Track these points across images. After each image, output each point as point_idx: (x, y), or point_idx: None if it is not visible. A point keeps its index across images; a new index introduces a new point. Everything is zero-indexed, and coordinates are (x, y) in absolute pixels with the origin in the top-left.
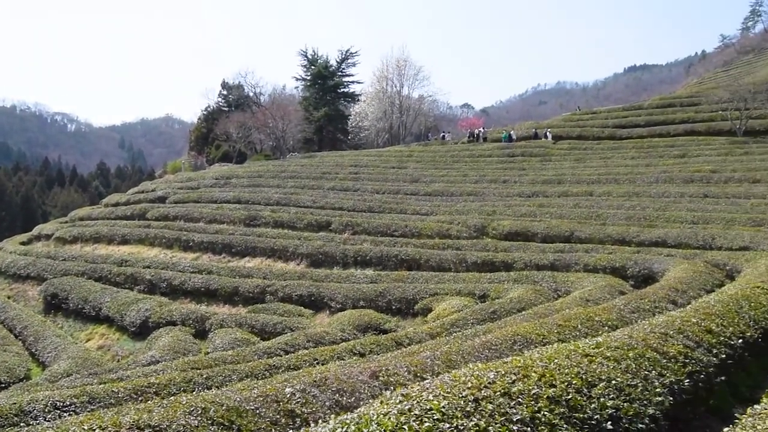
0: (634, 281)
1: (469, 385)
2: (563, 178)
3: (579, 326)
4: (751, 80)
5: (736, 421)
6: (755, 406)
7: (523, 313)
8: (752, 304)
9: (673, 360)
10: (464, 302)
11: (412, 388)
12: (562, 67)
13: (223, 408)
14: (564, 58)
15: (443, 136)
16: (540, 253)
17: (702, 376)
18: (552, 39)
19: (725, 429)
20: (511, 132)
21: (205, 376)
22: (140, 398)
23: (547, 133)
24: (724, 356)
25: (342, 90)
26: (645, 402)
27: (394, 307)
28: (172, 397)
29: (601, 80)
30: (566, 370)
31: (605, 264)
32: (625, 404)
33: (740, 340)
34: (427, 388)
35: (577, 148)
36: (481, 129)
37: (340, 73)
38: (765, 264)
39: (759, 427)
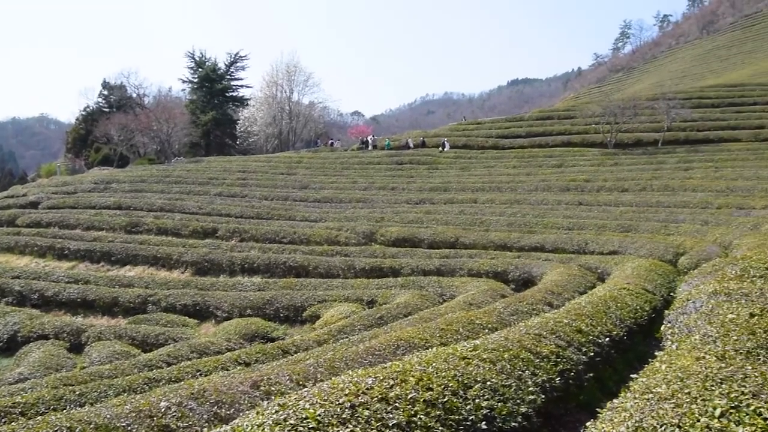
0: (515, 285)
1: (347, 391)
2: (449, 186)
3: (460, 330)
4: (621, 96)
5: (598, 414)
6: (614, 400)
7: (409, 318)
8: (619, 304)
9: (545, 359)
10: (352, 308)
11: (289, 397)
12: (450, 78)
13: (91, 426)
14: (452, 70)
15: (331, 143)
16: (426, 259)
17: (572, 373)
18: (441, 51)
19: (588, 422)
20: (409, 140)
21: (78, 392)
22: (4, 420)
23: (445, 143)
24: (592, 354)
25: (230, 94)
26: (518, 401)
27: (282, 315)
28: (39, 417)
29: (486, 92)
30: (443, 373)
31: (488, 269)
32: (499, 404)
33: (607, 339)
34: (305, 397)
35: (463, 156)
36: (371, 137)
37: (228, 77)
38: (631, 267)
39: (615, 419)
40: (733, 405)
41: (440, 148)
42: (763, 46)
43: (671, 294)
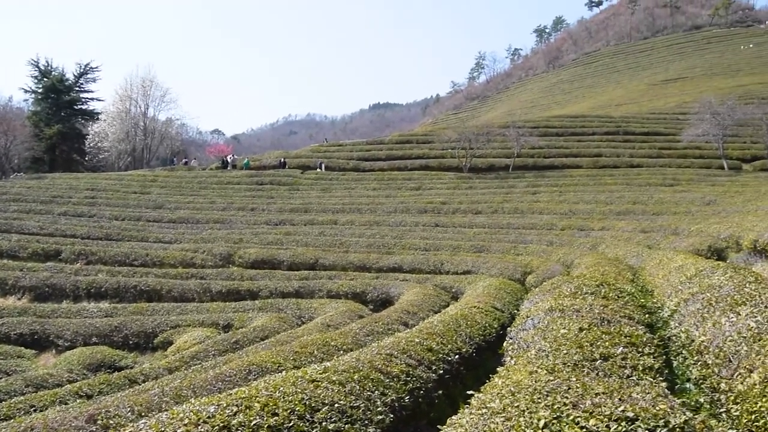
0: (373, 305)
1: (186, 421)
2: (310, 207)
3: (315, 352)
4: (476, 123)
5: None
6: (452, 417)
7: (266, 341)
8: (469, 322)
9: (395, 379)
10: (207, 333)
11: (124, 430)
12: (314, 100)
13: None
14: (316, 91)
15: (185, 161)
16: (286, 281)
17: (422, 391)
18: (305, 73)
19: None
20: (283, 158)
21: None
22: None
23: (321, 164)
24: (442, 372)
25: (79, 107)
26: (366, 422)
27: (131, 342)
28: None
29: (349, 115)
30: (290, 397)
31: (347, 290)
32: (347, 426)
33: (457, 356)
34: (140, 429)
35: (324, 178)
36: (231, 156)
37: (77, 89)
38: (482, 286)
39: None
40: (555, 416)
41: (317, 169)
42: (601, 82)
43: (518, 311)
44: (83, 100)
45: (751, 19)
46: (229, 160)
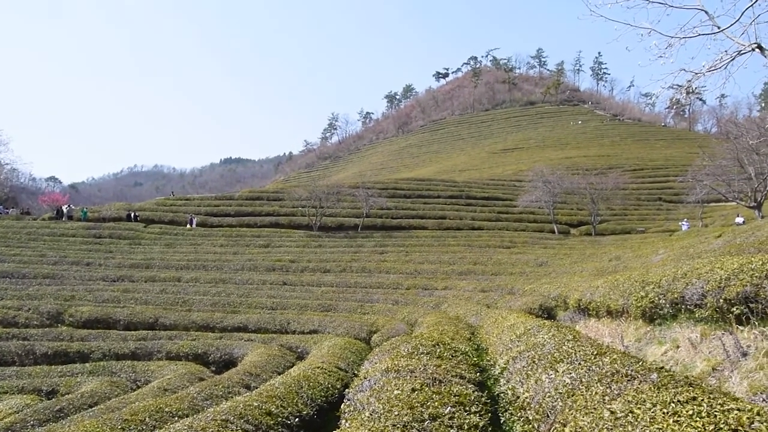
0: (215, 367)
1: None
2: (152, 263)
3: (147, 420)
4: (327, 182)
5: None
6: None
7: (95, 408)
8: (311, 383)
9: None
10: (27, 401)
11: None
12: (162, 151)
13: None
14: (164, 142)
15: (24, 210)
16: (121, 342)
17: None
18: (153, 123)
19: None
20: (132, 211)
21: None
22: None
23: (193, 219)
24: None
25: None
26: None
27: None
28: None
29: (199, 168)
30: None
31: (188, 351)
32: None
33: (297, 419)
34: None
35: (169, 233)
36: (68, 206)
37: None
38: (328, 345)
39: None
40: None
41: (188, 225)
42: (446, 148)
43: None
44: None
45: (576, 99)
46: (64, 210)
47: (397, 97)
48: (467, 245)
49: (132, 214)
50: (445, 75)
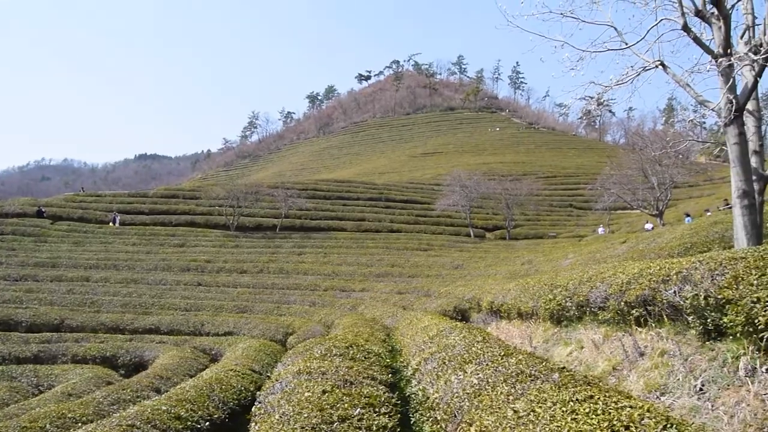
0: (125, 370)
1: None
2: (59, 262)
3: (48, 426)
4: (246, 182)
5: None
6: None
7: None
8: (224, 386)
9: None
10: None
11: None
12: (73, 144)
13: None
14: (75, 136)
15: None
16: (23, 345)
17: None
18: (62, 115)
19: None
20: (116, 215)
21: None
22: None
23: (116, 218)
24: None
25: None
26: None
27: None
28: None
29: (112, 164)
30: None
31: (96, 354)
32: None
33: (208, 423)
34: None
35: (78, 230)
36: None
37: None
38: (242, 347)
39: None
40: None
41: (111, 223)
42: (367, 150)
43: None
44: None
45: (495, 107)
46: None
47: (319, 97)
48: (385, 247)
49: (40, 210)
50: (368, 77)
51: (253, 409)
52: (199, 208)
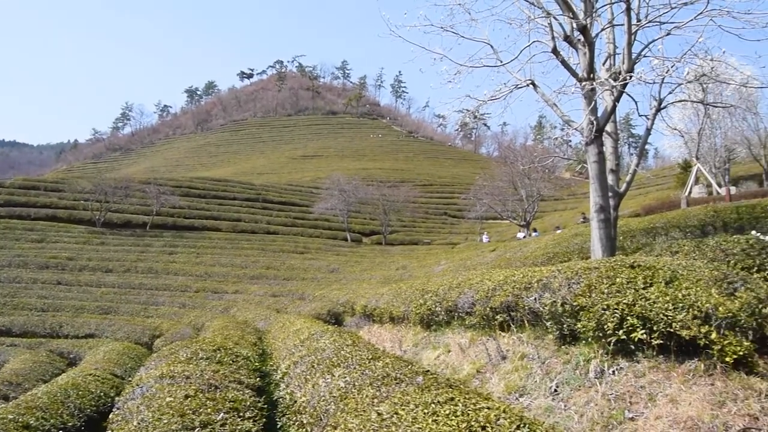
0: None
1: None
2: None
3: None
4: (115, 176)
5: None
6: None
7: None
8: (81, 392)
9: None
10: None
11: None
12: None
13: None
14: None
15: None
16: None
17: None
18: None
19: None
20: None
21: None
22: None
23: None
24: None
25: None
26: None
27: None
28: None
29: None
30: None
31: None
32: None
33: (60, 431)
34: None
35: None
36: None
37: None
38: (104, 351)
39: None
40: None
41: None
42: (246, 150)
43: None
44: None
45: (376, 113)
46: None
47: (198, 92)
48: (261, 249)
49: None
50: (250, 75)
51: (110, 415)
52: (62, 202)
